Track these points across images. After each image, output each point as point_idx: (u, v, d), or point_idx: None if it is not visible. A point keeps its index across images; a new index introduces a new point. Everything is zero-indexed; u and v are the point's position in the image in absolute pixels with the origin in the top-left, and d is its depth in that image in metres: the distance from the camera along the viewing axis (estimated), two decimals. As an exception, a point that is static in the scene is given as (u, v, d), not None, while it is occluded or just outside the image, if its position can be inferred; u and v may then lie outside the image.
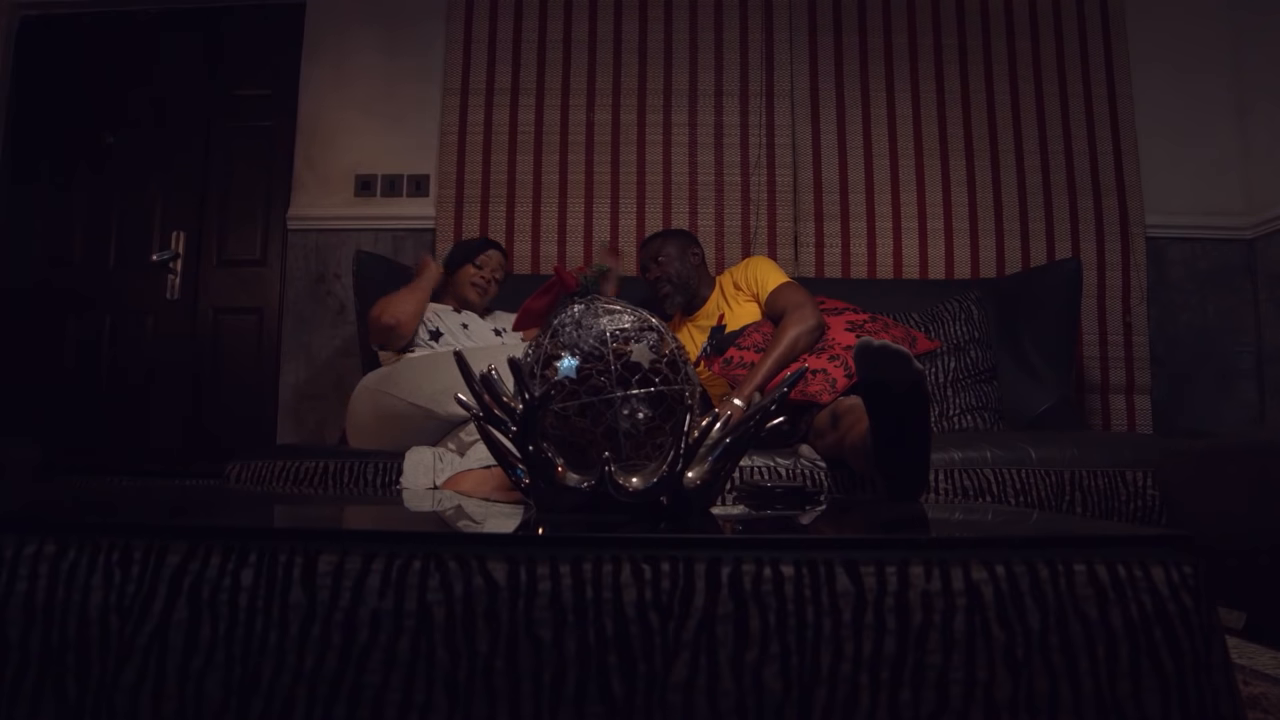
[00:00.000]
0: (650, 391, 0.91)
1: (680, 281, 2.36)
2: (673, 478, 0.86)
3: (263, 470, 1.86)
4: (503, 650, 0.61)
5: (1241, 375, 2.87)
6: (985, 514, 1.10)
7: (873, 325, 2.18)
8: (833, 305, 2.28)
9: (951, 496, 1.74)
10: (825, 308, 2.23)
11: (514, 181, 2.98)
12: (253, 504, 1.17)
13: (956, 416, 2.39)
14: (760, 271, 2.31)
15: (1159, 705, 0.60)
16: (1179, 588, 0.62)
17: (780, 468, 1.78)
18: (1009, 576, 0.62)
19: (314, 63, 3.08)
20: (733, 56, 3.02)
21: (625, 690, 0.60)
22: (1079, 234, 2.91)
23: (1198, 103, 2.95)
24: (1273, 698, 1.11)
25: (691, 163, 2.98)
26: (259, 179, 3.13)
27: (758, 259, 2.40)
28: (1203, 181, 2.93)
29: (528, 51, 3.03)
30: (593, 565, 0.62)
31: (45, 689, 0.62)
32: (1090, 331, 2.85)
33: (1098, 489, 1.76)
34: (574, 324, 0.95)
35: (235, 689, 0.61)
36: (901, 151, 2.97)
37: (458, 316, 2.26)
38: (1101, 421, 2.85)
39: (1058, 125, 2.96)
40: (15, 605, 0.63)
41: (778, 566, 0.62)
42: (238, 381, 3.07)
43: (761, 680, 0.60)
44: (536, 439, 0.89)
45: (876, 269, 2.92)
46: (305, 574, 0.63)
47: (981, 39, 3.01)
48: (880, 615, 0.61)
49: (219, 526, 0.69)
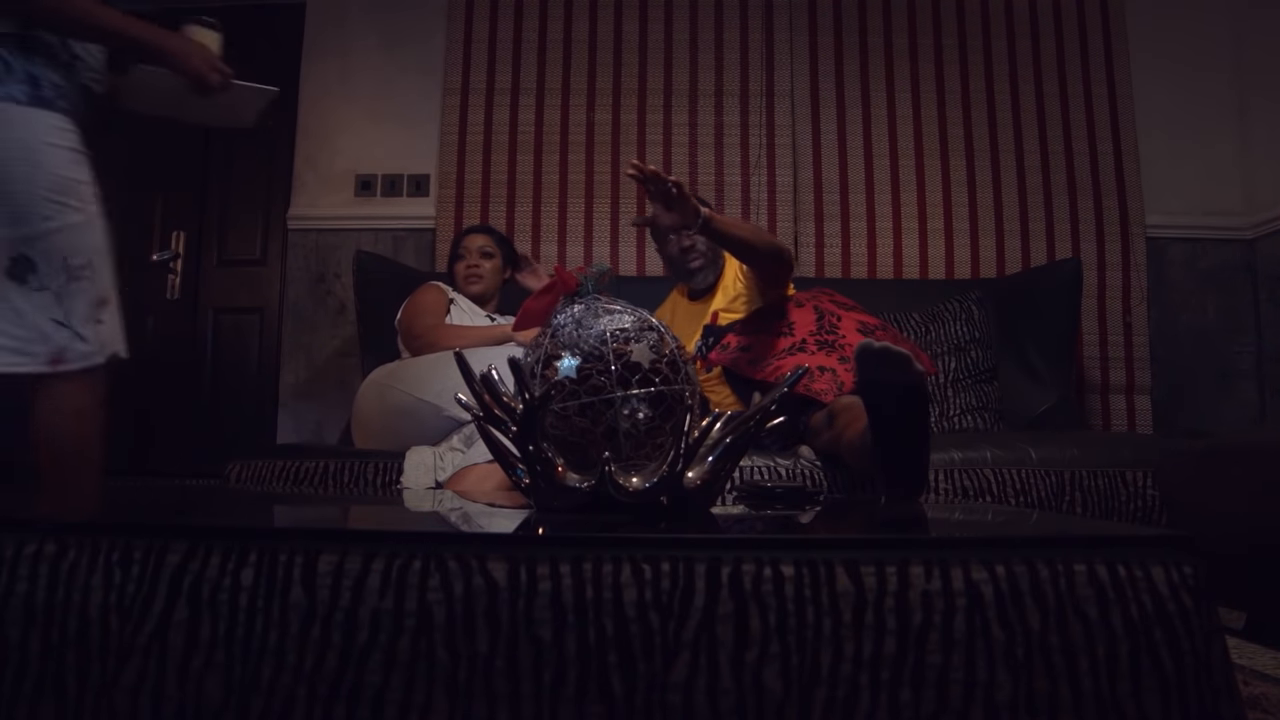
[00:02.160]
0: (650, 391, 0.91)
1: (713, 256, 2.23)
2: (673, 478, 0.86)
3: (263, 470, 1.87)
4: (503, 650, 0.61)
5: (1241, 375, 2.87)
6: (985, 514, 1.10)
7: (884, 335, 2.15)
8: (841, 300, 2.24)
9: (951, 496, 1.74)
10: (835, 300, 2.18)
11: (514, 181, 2.98)
12: (253, 504, 1.17)
13: (956, 416, 2.39)
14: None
15: (1159, 705, 0.60)
16: (1179, 588, 0.62)
17: (780, 468, 1.78)
18: (1009, 576, 0.62)
19: (314, 62, 3.08)
20: (733, 56, 3.02)
21: (625, 690, 0.60)
22: (1079, 234, 2.91)
23: (1198, 102, 2.95)
24: (1273, 698, 1.11)
25: (692, 163, 2.98)
26: (259, 179, 3.13)
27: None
28: (1203, 181, 2.93)
29: (528, 51, 3.04)
30: (593, 565, 0.62)
31: (45, 689, 0.62)
32: (1090, 331, 2.85)
33: (1098, 489, 1.76)
34: (574, 324, 0.95)
35: (235, 689, 0.61)
36: (901, 151, 2.97)
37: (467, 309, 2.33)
38: (1101, 421, 2.85)
39: (1058, 125, 2.96)
40: (15, 605, 0.63)
41: (778, 566, 0.62)
42: (238, 381, 3.07)
43: (761, 680, 0.60)
44: (536, 439, 0.89)
45: (876, 269, 2.92)
46: (305, 574, 0.63)
47: (981, 39, 3.01)
48: (880, 615, 0.61)
49: (219, 526, 0.69)
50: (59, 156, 1.38)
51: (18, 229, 1.34)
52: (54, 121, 1.39)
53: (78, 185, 1.40)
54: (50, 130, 1.38)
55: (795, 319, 2.02)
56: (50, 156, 1.36)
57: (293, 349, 2.97)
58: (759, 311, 2.10)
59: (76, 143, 1.43)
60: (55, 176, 1.37)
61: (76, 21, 1.37)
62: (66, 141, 1.40)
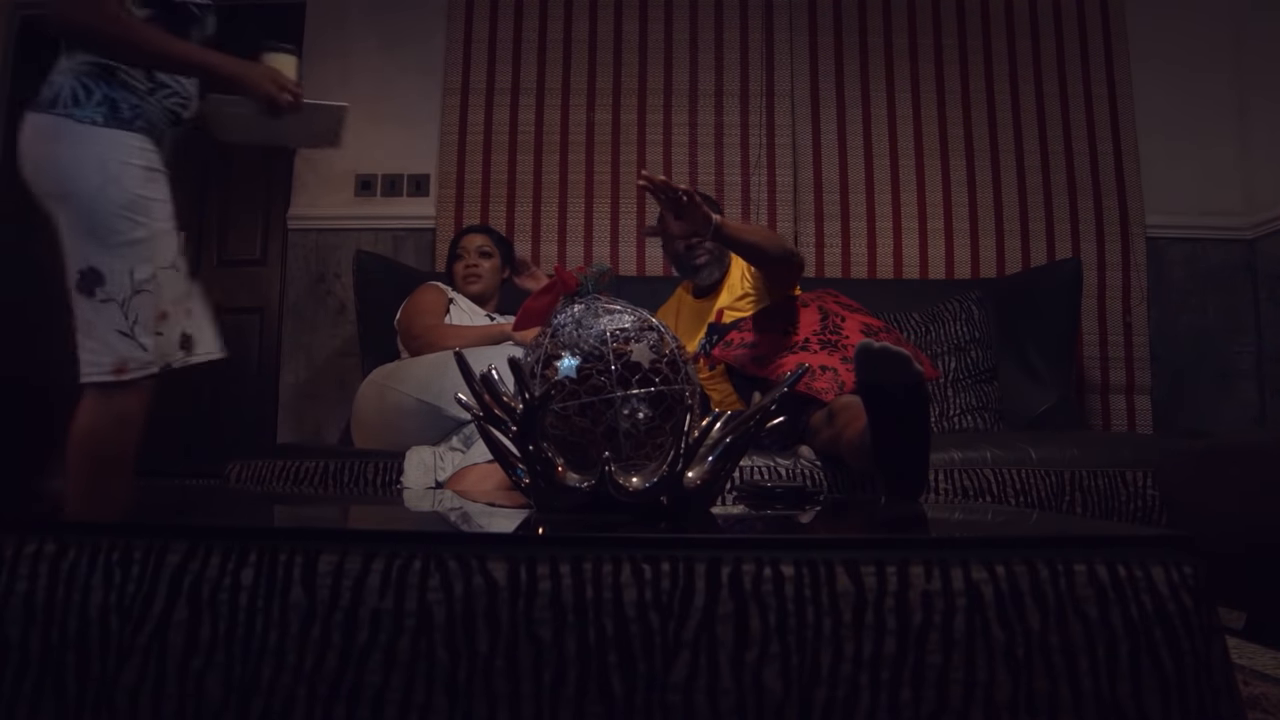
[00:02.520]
0: (650, 391, 0.91)
1: (717, 254, 2.22)
2: (673, 478, 0.86)
3: (263, 470, 1.87)
4: (503, 650, 0.61)
5: (1241, 375, 2.86)
6: (985, 514, 1.10)
7: (886, 336, 2.15)
8: (846, 301, 2.25)
9: (951, 496, 1.74)
10: (840, 301, 2.19)
11: (514, 181, 2.98)
12: (253, 504, 1.17)
13: (956, 416, 2.39)
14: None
15: (1159, 705, 0.60)
16: (1179, 588, 0.62)
17: (780, 468, 1.78)
18: (1009, 576, 0.62)
19: (314, 62, 3.07)
20: (733, 56, 3.02)
21: (625, 690, 0.60)
22: (1079, 234, 2.91)
23: (1198, 102, 2.95)
24: (1273, 698, 1.11)
25: (692, 163, 2.98)
26: (259, 179, 3.13)
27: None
28: (1203, 181, 2.92)
29: (528, 51, 3.03)
30: (593, 565, 0.62)
31: (45, 689, 0.62)
32: (1090, 331, 2.85)
33: (1098, 489, 1.76)
34: (574, 324, 0.95)
35: (235, 689, 0.61)
36: (902, 151, 2.97)
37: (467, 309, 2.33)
38: (1101, 421, 2.84)
39: (1058, 125, 2.96)
40: (15, 605, 0.63)
41: (778, 566, 0.62)
42: (238, 381, 3.06)
43: (761, 680, 0.60)
44: (536, 439, 0.89)
45: (877, 269, 2.92)
46: (305, 574, 0.63)
47: (982, 39, 3.01)
48: (880, 615, 0.61)
49: (219, 526, 0.69)
50: (134, 174, 1.44)
51: (90, 242, 1.41)
52: (131, 141, 1.45)
53: (150, 202, 1.46)
54: (127, 149, 1.44)
55: (800, 318, 2.03)
56: (126, 174, 1.42)
57: (293, 349, 2.97)
58: (764, 310, 2.10)
59: (154, 161, 1.49)
60: (129, 194, 1.42)
61: (149, 55, 1.43)
62: (143, 160, 1.46)
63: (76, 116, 1.41)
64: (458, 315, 2.28)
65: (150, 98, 1.49)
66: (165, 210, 1.50)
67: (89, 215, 1.40)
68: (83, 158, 1.40)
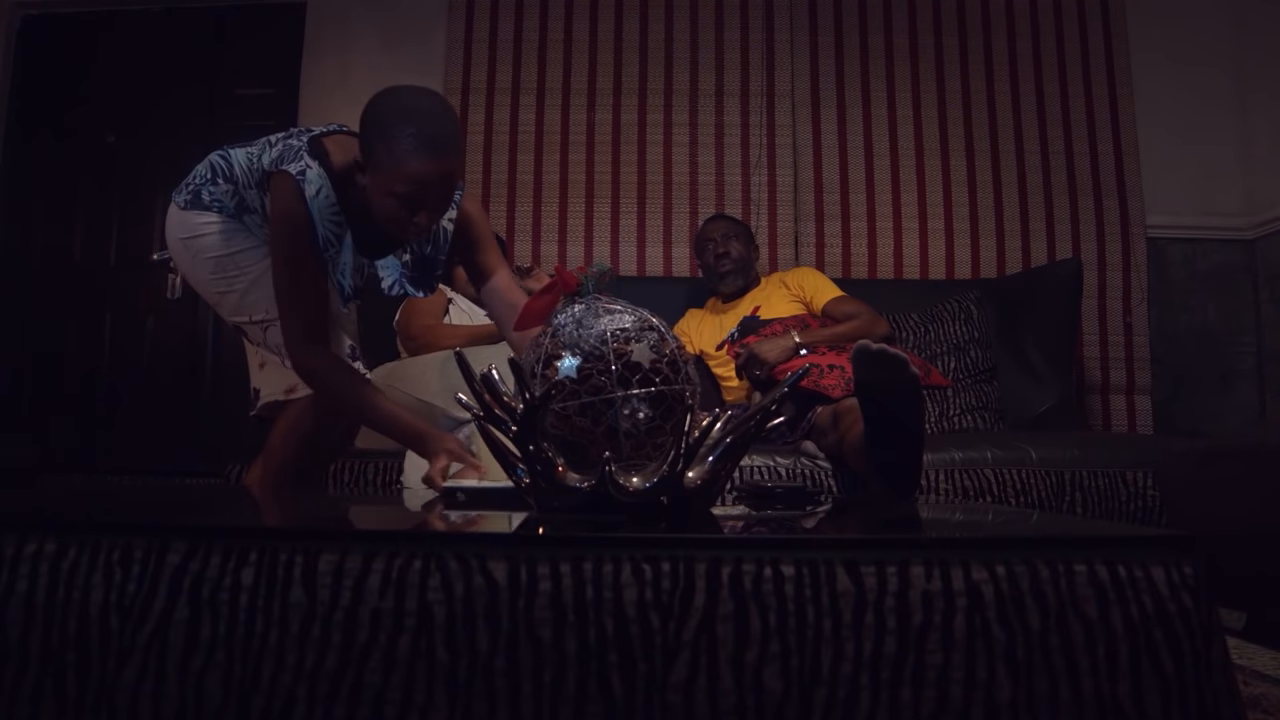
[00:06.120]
0: (651, 391, 0.91)
1: (742, 265, 2.45)
2: (673, 478, 0.86)
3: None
4: (503, 650, 0.61)
5: (1241, 375, 2.86)
6: (985, 514, 1.10)
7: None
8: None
9: (951, 496, 1.74)
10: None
11: (515, 181, 2.98)
12: (253, 504, 1.17)
13: (956, 416, 2.39)
14: (814, 280, 2.43)
15: (1159, 706, 0.60)
16: (1179, 588, 0.62)
17: (780, 468, 1.78)
18: (1009, 576, 0.62)
19: (315, 62, 3.08)
20: (733, 57, 3.02)
21: (625, 690, 0.60)
22: (1079, 234, 2.91)
23: (1198, 102, 2.95)
24: (1273, 698, 1.11)
25: (692, 163, 2.98)
26: (259, 179, 3.12)
27: (809, 269, 2.53)
28: (1203, 181, 2.93)
29: (529, 51, 3.03)
30: (593, 565, 0.62)
31: (45, 689, 0.62)
32: (1090, 331, 2.85)
33: (1098, 489, 1.77)
34: (574, 324, 0.95)
35: (235, 688, 0.61)
36: (902, 151, 2.97)
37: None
38: (1102, 422, 2.84)
39: (1058, 125, 2.96)
40: (15, 605, 0.63)
41: (778, 566, 0.62)
42: (238, 381, 3.05)
43: (761, 680, 0.60)
44: (537, 439, 0.89)
45: (877, 269, 2.92)
46: (305, 573, 0.63)
47: (982, 39, 3.01)
48: (880, 615, 0.61)
49: (219, 526, 0.69)
50: (207, 242, 1.51)
51: (219, 311, 1.60)
52: (199, 218, 1.51)
53: (233, 256, 1.52)
54: (195, 226, 1.51)
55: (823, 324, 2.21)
56: (200, 244, 1.51)
57: (293, 349, 2.97)
58: (798, 316, 2.26)
59: (223, 218, 1.52)
60: (209, 260, 1.51)
61: (358, 410, 1.49)
62: (211, 225, 1.51)
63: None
64: (457, 315, 2.28)
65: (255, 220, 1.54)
66: (255, 255, 1.54)
67: (202, 291, 1.59)
68: (173, 246, 1.57)
